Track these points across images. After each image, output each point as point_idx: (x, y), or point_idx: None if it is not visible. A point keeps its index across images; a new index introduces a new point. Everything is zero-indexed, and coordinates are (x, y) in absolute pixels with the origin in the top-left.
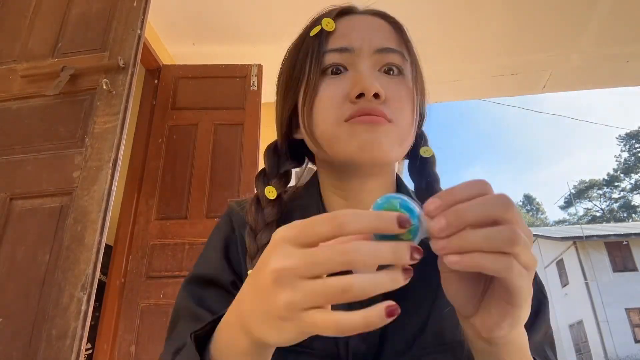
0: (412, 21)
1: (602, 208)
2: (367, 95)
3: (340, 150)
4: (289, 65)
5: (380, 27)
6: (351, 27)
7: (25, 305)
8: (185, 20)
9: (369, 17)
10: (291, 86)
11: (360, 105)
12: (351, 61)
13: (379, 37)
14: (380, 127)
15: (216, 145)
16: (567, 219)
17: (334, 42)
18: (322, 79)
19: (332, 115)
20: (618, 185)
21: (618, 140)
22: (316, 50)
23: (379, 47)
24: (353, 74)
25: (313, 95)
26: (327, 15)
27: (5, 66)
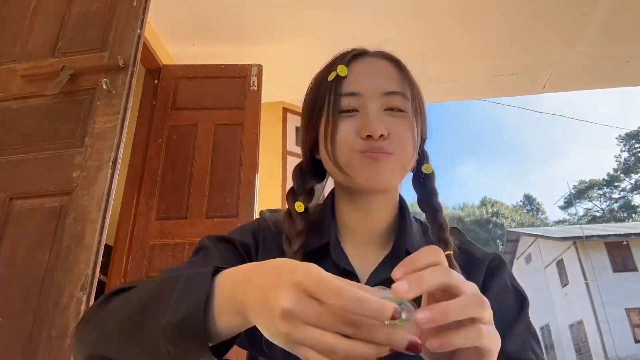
0: (413, 21)
1: (602, 208)
2: (374, 137)
3: (353, 177)
4: (311, 100)
5: (387, 71)
6: (361, 73)
7: (25, 305)
8: (185, 20)
9: (378, 60)
10: (313, 119)
11: (368, 144)
12: (361, 104)
13: (385, 81)
14: (382, 163)
15: (216, 145)
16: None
17: (348, 86)
18: (339, 118)
19: (348, 149)
20: (618, 185)
21: (618, 140)
22: (332, 93)
23: (384, 91)
24: (363, 116)
25: (333, 132)
26: (341, 61)
27: (5, 66)
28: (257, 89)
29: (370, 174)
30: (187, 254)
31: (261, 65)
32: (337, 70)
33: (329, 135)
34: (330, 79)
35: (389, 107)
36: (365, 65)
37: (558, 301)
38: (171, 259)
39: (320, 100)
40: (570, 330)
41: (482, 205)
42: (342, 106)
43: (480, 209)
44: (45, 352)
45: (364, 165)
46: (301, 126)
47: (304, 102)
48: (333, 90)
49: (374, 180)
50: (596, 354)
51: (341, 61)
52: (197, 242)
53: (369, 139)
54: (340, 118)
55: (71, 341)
